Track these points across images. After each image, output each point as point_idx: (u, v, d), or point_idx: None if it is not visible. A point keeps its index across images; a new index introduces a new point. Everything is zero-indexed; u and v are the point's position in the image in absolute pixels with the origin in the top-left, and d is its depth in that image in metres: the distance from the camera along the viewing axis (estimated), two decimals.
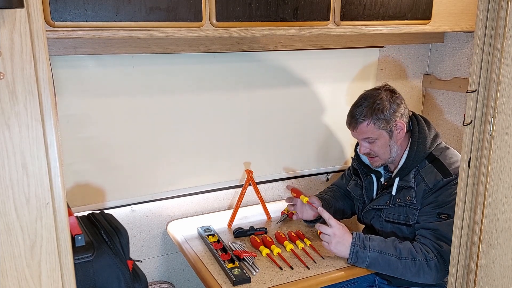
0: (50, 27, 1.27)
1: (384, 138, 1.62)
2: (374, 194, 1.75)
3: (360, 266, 1.53)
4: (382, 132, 1.61)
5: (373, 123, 1.59)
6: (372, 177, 1.76)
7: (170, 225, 1.90)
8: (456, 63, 2.19)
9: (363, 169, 1.78)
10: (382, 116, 1.58)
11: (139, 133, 1.80)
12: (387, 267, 1.50)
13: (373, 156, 1.67)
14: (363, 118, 1.60)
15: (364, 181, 1.78)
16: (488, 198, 1.03)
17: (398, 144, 1.64)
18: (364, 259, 1.50)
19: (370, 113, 1.59)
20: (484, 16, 0.99)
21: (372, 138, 1.62)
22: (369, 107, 1.59)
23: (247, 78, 1.94)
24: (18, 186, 0.78)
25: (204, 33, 1.48)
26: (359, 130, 1.63)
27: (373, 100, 1.60)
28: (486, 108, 1.01)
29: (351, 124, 1.64)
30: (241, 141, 2.02)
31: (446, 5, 1.86)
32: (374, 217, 1.72)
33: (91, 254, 1.08)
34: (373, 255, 1.50)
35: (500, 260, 1.04)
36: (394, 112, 1.59)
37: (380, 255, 1.50)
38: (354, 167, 1.86)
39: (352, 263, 1.53)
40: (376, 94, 1.62)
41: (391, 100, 1.60)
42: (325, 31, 1.66)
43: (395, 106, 1.60)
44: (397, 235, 1.64)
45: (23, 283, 0.81)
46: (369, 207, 1.73)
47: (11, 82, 0.74)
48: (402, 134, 1.63)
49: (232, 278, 1.44)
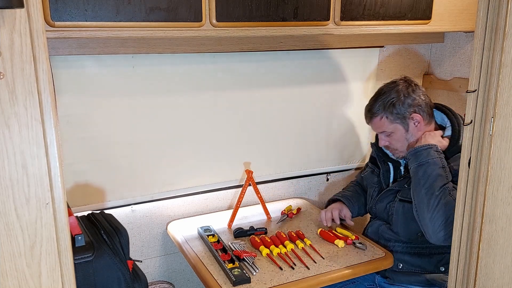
0: (50, 27, 1.27)
1: (400, 131, 1.63)
2: (390, 181, 1.76)
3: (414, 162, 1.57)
4: (397, 126, 1.63)
5: (386, 117, 1.62)
6: (389, 165, 1.77)
7: (170, 225, 1.90)
8: (456, 63, 2.19)
9: (380, 157, 1.79)
10: (395, 111, 1.60)
11: (139, 133, 1.80)
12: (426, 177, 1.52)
13: (393, 149, 1.69)
14: (376, 112, 1.63)
15: (382, 169, 1.79)
16: (488, 198, 1.03)
17: (417, 137, 1.64)
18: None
19: (382, 107, 1.62)
20: (484, 16, 0.99)
21: (388, 131, 1.65)
22: (382, 101, 1.62)
23: (247, 78, 1.94)
24: (18, 186, 0.78)
25: (204, 33, 1.48)
26: (374, 124, 1.67)
27: (388, 94, 1.62)
28: (486, 108, 1.01)
29: (367, 118, 1.70)
30: (241, 141, 2.02)
31: (446, 5, 1.86)
32: (390, 199, 1.72)
33: (91, 254, 1.08)
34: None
35: (500, 260, 1.04)
36: (409, 106, 1.60)
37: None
38: (372, 155, 1.87)
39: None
40: (392, 87, 1.64)
41: (406, 94, 1.61)
42: (325, 31, 1.66)
43: (409, 100, 1.61)
44: (409, 215, 1.63)
45: (23, 283, 0.81)
46: (385, 192, 1.74)
47: (11, 82, 0.74)
48: (420, 126, 1.63)
49: (232, 278, 1.44)
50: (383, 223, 1.75)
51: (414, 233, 1.64)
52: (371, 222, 1.83)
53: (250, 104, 1.98)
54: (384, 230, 1.73)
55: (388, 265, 1.61)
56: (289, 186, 2.20)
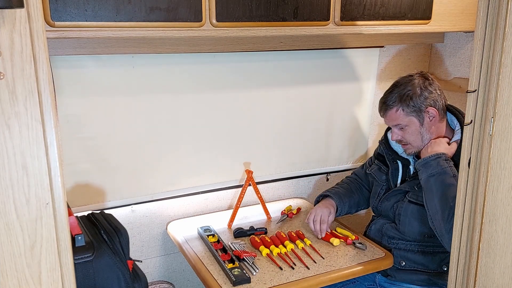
0: (50, 27, 1.27)
1: (415, 124, 1.62)
2: (398, 180, 1.75)
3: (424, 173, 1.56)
4: (412, 119, 1.61)
5: (402, 109, 1.61)
6: (398, 164, 1.76)
7: (170, 225, 1.90)
8: (456, 63, 2.19)
9: (389, 155, 1.78)
10: (411, 103, 1.59)
11: (139, 133, 1.80)
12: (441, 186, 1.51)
13: (405, 143, 1.68)
14: (392, 104, 1.62)
15: (391, 167, 1.77)
16: (488, 198, 1.03)
17: (430, 132, 1.64)
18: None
19: (399, 99, 1.60)
20: (484, 16, 0.99)
21: (402, 124, 1.63)
22: (398, 94, 1.61)
23: (247, 78, 1.94)
24: (18, 186, 0.78)
25: (204, 33, 1.48)
26: (389, 117, 1.65)
27: (404, 87, 1.61)
28: (486, 108, 1.01)
29: (381, 110, 1.67)
30: (241, 141, 2.02)
31: (446, 5, 1.86)
32: (398, 199, 1.70)
33: (91, 254, 1.08)
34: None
35: (500, 260, 1.04)
36: (426, 99, 1.60)
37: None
38: (379, 153, 1.86)
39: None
40: (408, 80, 1.63)
41: (422, 87, 1.60)
42: (325, 31, 1.66)
43: (426, 93, 1.60)
44: (417, 217, 1.63)
45: (23, 283, 0.81)
46: (393, 191, 1.73)
47: (11, 82, 0.74)
48: (435, 121, 1.62)
49: (232, 278, 1.44)
50: (387, 222, 1.74)
51: (421, 234, 1.64)
52: (374, 220, 1.82)
53: (250, 104, 1.98)
54: (388, 228, 1.72)
55: (388, 265, 1.61)
56: (289, 186, 2.20)
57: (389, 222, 1.74)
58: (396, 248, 1.68)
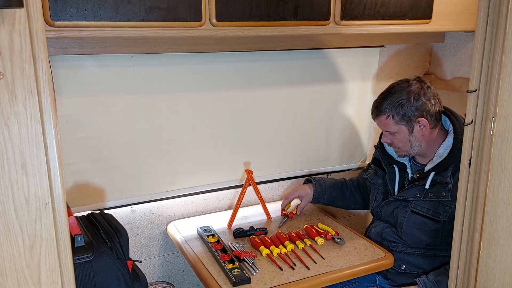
0: (49, 26, 1.27)
1: (404, 133, 1.62)
2: (396, 185, 1.75)
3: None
4: (401, 127, 1.62)
5: (392, 117, 1.61)
6: (395, 168, 1.75)
7: (170, 225, 1.90)
8: (457, 63, 2.19)
9: (385, 159, 1.78)
10: (401, 112, 1.59)
11: (139, 133, 1.79)
12: None
13: (395, 147, 1.69)
14: (383, 110, 1.62)
15: (388, 172, 1.77)
16: (488, 198, 1.03)
17: (422, 139, 1.63)
18: None
19: (390, 107, 1.60)
20: (485, 16, 0.98)
21: (391, 131, 1.63)
22: (391, 100, 1.60)
23: (247, 78, 1.94)
24: (18, 186, 0.77)
25: (204, 33, 1.47)
26: (379, 122, 1.66)
27: (398, 94, 1.60)
28: (487, 108, 1.01)
29: (373, 114, 1.68)
30: (241, 141, 2.01)
31: (446, 4, 1.86)
32: (400, 207, 1.69)
33: (90, 255, 1.07)
34: None
35: (501, 260, 1.04)
36: (417, 110, 1.58)
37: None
38: (375, 157, 1.86)
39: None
40: (403, 87, 1.61)
41: (416, 96, 1.59)
42: (325, 30, 1.66)
43: (419, 103, 1.58)
44: (421, 228, 1.62)
45: (22, 283, 0.81)
46: (394, 198, 1.72)
47: (10, 82, 0.74)
48: (425, 130, 1.62)
49: (232, 279, 1.44)
50: (388, 226, 1.73)
51: (423, 243, 1.64)
52: (375, 223, 1.82)
53: (250, 104, 1.98)
54: (389, 233, 1.71)
55: (388, 265, 1.61)
56: (289, 186, 2.20)
57: (390, 226, 1.73)
58: (397, 251, 1.68)
